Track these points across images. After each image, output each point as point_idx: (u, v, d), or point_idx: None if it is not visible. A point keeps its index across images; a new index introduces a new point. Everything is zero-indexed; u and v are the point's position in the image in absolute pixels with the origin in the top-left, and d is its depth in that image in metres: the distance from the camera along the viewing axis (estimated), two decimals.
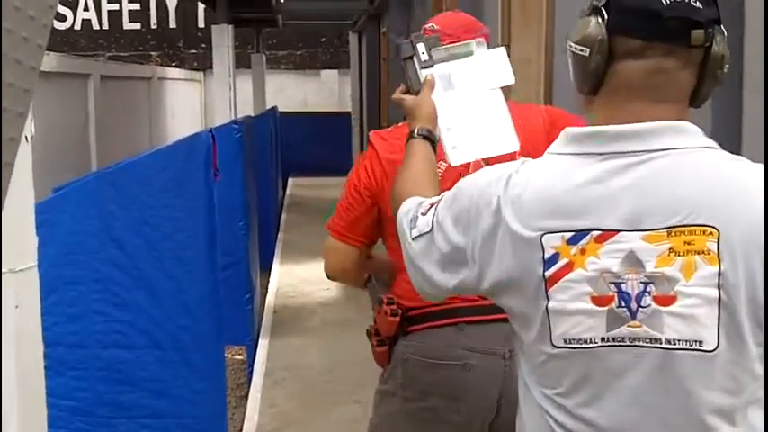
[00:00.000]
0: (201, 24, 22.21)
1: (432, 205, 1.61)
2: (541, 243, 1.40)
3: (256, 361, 5.95)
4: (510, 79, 2.01)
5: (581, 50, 1.46)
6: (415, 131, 1.87)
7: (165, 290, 3.29)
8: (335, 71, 22.53)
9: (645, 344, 1.37)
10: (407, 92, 1.95)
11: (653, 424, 1.39)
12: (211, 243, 3.42)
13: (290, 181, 16.18)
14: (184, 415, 3.45)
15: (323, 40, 22.77)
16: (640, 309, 1.37)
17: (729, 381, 1.35)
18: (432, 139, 1.86)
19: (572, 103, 1.83)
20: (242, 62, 15.06)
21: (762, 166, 1.38)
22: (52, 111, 7.64)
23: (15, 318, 1.87)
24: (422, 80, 1.95)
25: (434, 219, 1.57)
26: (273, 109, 13.89)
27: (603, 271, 1.38)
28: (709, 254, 1.33)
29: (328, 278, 2.57)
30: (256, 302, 6.62)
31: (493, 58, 2.03)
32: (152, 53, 22.33)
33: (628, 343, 1.38)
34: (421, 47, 1.98)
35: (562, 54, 4.06)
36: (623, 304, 1.37)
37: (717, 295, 1.33)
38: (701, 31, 1.39)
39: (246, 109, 14.03)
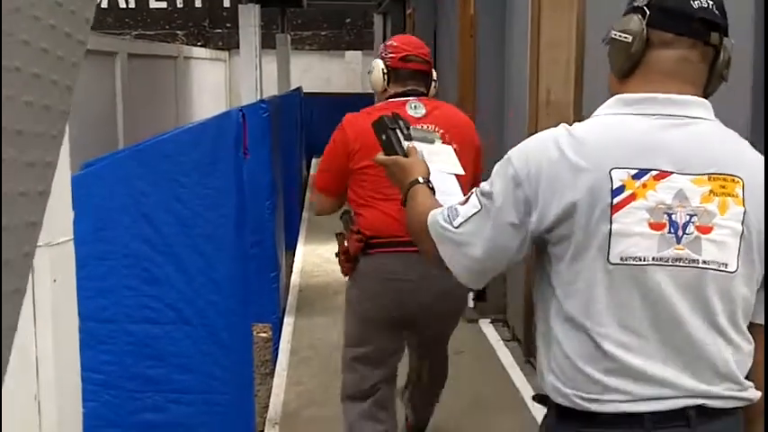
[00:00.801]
0: (227, 4, 22.23)
1: (466, 199, 1.94)
2: (610, 176, 1.74)
3: (282, 339, 5.98)
4: (460, 171, 2.52)
5: (625, 38, 1.87)
6: (419, 179, 2.18)
7: (195, 266, 3.32)
8: (359, 52, 22.51)
9: (684, 264, 1.76)
10: (388, 155, 2.34)
11: (678, 332, 1.78)
12: (240, 221, 3.44)
13: (314, 161, 16.19)
14: (211, 390, 3.49)
15: (347, 20, 22.74)
16: (685, 235, 1.76)
17: (738, 297, 1.79)
18: (431, 187, 2.18)
19: (601, 86, 2.47)
20: (267, 42, 15.05)
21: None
22: (80, 88, 7.59)
23: (52, 291, 1.90)
24: (405, 148, 2.33)
25: (481, 198, 1.88)
26: (298, 89, 13.89)
27: (659, 203, 1.75)
28: (737, 197, 1.77)
29: (317, 215, 3.86)
30: (282, 281, 6.65)
31: (447, 150, 2.60)
32: (178, 32, 22.38)
33: (671, 263, 1.76)
34: (402, 123, 2.42)
35: (593, 37, 4.04)
36: (672, 231, 1.76)
37: (741, 229, 1.76)
38: (717, 34, 1.81)
39: (271, 89, 14.04)
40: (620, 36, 1.90)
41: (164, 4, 22.54)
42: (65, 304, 1.96)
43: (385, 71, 3.56)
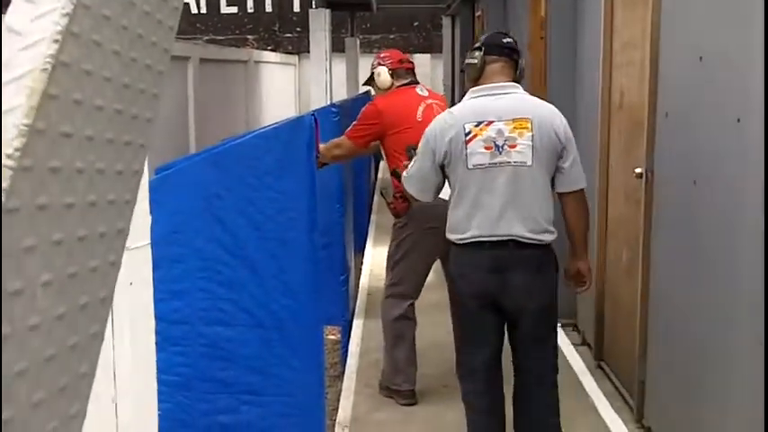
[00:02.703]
0: (297, 8, 22.40)
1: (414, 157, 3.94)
2: (464, 127, 3.66)
3: (351, 341, 5.99)
4: (447, 195, 3.89)
5: (474, 62, 3.82)
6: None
7: (268, 269, 3.34)
8: (428, 55, 22.49)
9: (504, 165, 3.60)
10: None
11: (503, 199, 3.60)
12: (312, 225, 3.46)
13: (382, 164, 16.20)
14: (283, 393, 3.51)
15: (416, 23, 22.74)
16: (503, 150, 3.60)
17: (536, 180, 3.63)
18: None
19: (676, 86, 3.94)
20: (336, 46, 15.12)
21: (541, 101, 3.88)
22: None
23: (129, 295, 1.92)
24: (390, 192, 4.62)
25: (416, 155, 3.87)
26: (368, 92, 13.92)
27: (489, 136, 3.62)
28: (528, 129, 3.61)
29: (331, 157, 5.22)
30: (351, 283, 6.66)
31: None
32: (248, 36, 22.63)
33: (499, 164, 3.61)
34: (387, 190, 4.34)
35: (667, 37, 3.97)
36: (496, 149, 3.60)
37: (531, 144, 3.59)
38: (517, 55, 3.84)
39: (340, 92, 14.11)
40: (472, 61, 3.85)
41: (234, 9, 22.81)
42: (141, 307, 1.99)
43: (390, 71, 5.28)
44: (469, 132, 3.62)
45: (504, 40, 3.86)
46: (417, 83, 5.33)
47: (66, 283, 0.70)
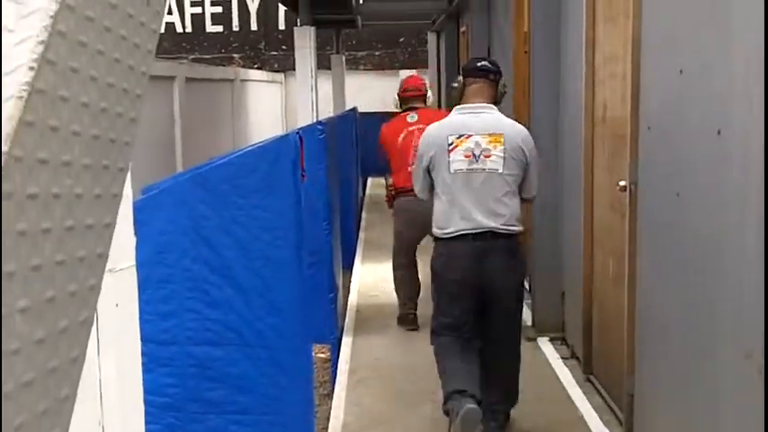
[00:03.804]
0: (282, 26, 22.47)
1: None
2: (447, 138, 4.46)
3: (340, 359, 5.99)
4: None
5: (457, 85, 4.68)
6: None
7: (255, 288, 3.34)
8: (413, 71, 22.55)
9: (480, 171, 4.39)
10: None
11: (479, 199, 4.37)
12: (299, 243, 3.46)
13: (370, 180, 16.23)
14: (272, 412, 3.50)
15: (401, 40, 22.82)
16: (479, 159, 4.40)
17: (506, 185, 4.40)
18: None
19: (658, 99, 3.97)
20: (322, 63, 15.15)
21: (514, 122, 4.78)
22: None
23: (115, 316, 1.92)
24: None
25: (416, 160, 4.72)
26: (354, 109, 13.96)
27: (468, 147, 4.42)
28: (501, 142, 4.41)
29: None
30: (339, 301, 6.66)
31: None
32: (234, 55, 22.66)
33: (474, 170, 4.40)
34: None
35: (648, 51, 4.00)
36: (474, 157, 4.40)
37: (503, 155, 4.39)
38: (493, 75, 4.64)
39: (326, 109, 14.13)
40: (455, 85, 4.69)
41: (220, 28, 22.85)
42: (127, 328, 1.99)
43: (397, 100, 7.24)
44: (452, 143, 4.43)
45: (479, 64, 4.70)
46: (416, 108, 7.06)
47: (44, 307, 0.71)
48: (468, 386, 4.22)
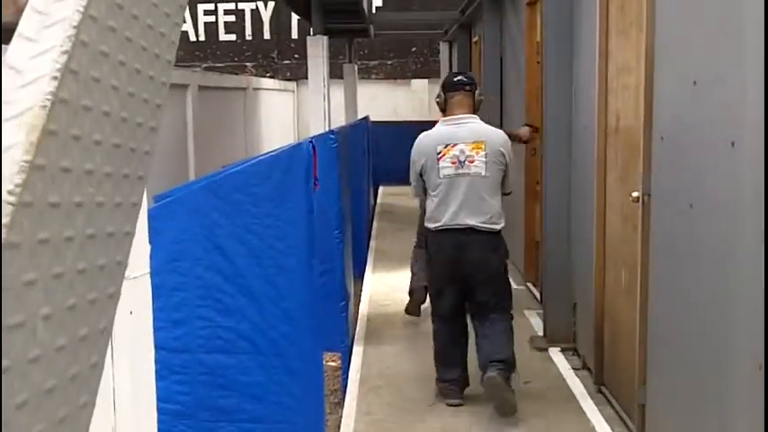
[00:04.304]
0: (295, 35, 22.52)
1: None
2: (435, 147, 5.19)
3: (351, 368, 5.99)
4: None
5: (440, 100, 5.40)
6: None
7: (267, 296, 3.35)
8: (425, 80, 22.57)
9: (465, 175, 5.11)
10: None
11: (465, 200, 5.11)
12: (311, 251, 3.47)
13: (381, 189, 16.24)
14: (283, 420, 3.51)
15: (413, 49, 22.84)
16: (464, 165, 5.11)
17: (488, 186, 5.12)
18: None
19: (671, 109, 3.86)
20: (334, 72, 15.19)
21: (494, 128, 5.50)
22: None
23: (129, 324, 1.93)
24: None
25: (412, 173, 5.41)
26: (366, 118, 13.98)
27: (454, 154, 5.13)
28: (483, 149, 5.11)
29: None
30: (351, 310, 6.66)
31: None
32: (247, 64, 22.73)
33: (461, 175, 5.12)
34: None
35: (661, 62, 4.00)
36: (459, 164, 5.12)
37: (485, 160, 5.10)
38: (469, 86, 5.34)
39: (338, 118, 14.16)
40: (438, 99, 5.41)
41: (233, 37, 22.93)
42: (141, 336, 1.99)
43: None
44: (440, 152, 5.18)
45: (455, 79, 5.45)
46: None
47: (65, 315, 0.71)
48: (455, 376, 5.29)
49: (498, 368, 4.94)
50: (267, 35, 22.99)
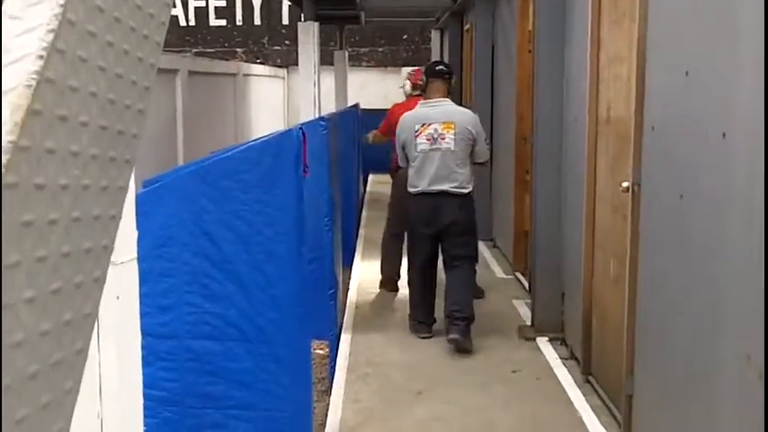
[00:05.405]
0: (286, 21, 22.43)
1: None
2: (414, 126, 6.42)
3: (339, 356, 5.98)
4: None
5: (422, 82, 6.89)
6: None
7: (255, 283, 3.33)
8: (417, 68, 22.50)
9: (437, 150, 6.32)
10: None
11: (438, 170, 6.31)
12: (300, 238, 3.45)
13: (371, 177, 16.20)
14: (270, 407, 3.50)
15: (404, 37, 22.78)
16: (437, 141, 6.33)
17: (457, 158, 6.32)
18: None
19: (663, 98, 3.79)
20: (324, 59, 15.14)
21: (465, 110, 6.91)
22: None
23: (115, 309, 1.92)
24: None
25: (398, 145, 6.68)
26: (356, 106, 13.94)
27: (429, 133, 6.34)
28: (452, 127, 6.33)
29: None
30: (339, 298, 6.65)
31: None
32: (237, 49, 22.63)
33: (434, 150, 6.34)
34: None
35: (653, 52, 3.99)
36: (433, 140, 6.34)
37: (454, 137, 6.32)
38: (448, 75, 6.63)
39: (328, 105, 14.12)
40: (419, 82, 7.25)
41: (223, 22, 22.82)
42: (127, 322, 1.98)
43: (411, 85, 8.24)
44: (418, 130, 6.34)
45: (437, 68, 6.71)
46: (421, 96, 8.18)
47: (49, 299, 0.70)
48: (425, 318, 6.53)
49: (460, 329, 6.04)
50: (258, 21, 22.89)
